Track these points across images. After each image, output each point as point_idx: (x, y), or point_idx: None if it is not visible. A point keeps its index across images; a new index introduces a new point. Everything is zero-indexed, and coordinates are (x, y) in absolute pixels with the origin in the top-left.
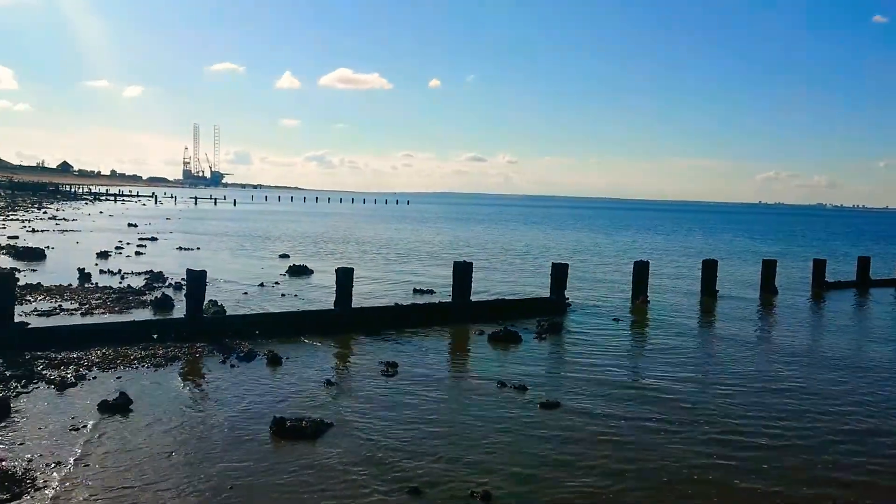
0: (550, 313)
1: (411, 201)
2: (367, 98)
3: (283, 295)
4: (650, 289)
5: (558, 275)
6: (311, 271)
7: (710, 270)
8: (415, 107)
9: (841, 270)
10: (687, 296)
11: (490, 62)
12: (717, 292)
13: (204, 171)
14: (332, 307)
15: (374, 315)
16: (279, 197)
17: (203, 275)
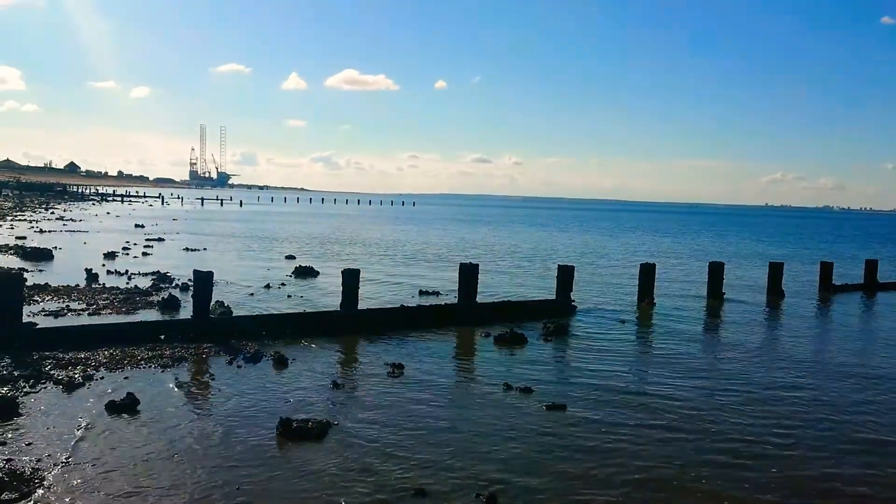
0: (556, 315)
1: (417, 202)
2: (372, 99)
3: (289, 296)
4: (656, 291)
5: (564, 277)
6: (318, 272)
7: (716, 273)
8: (420, 108)
9: (848, 273)
10: (693, 298)
11: (496, 63)
12: (724, 295)
13: (210, 172)
14: (339, 308)
15: (380, 316)
16: (285, 198)
17: (210, 276)
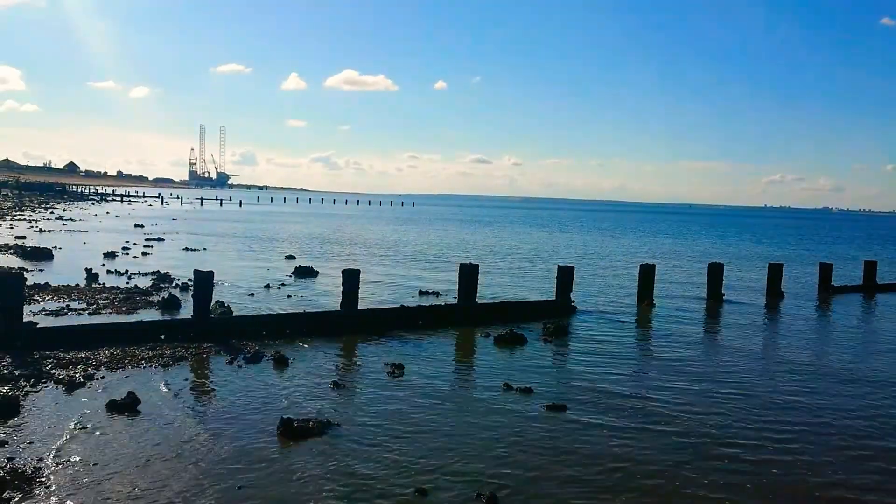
0: (556, 316)
1: (416, 203)
2: (372, 99)
3: (289, 296)
4: (656, 292)
5: (564, 278)
6: (317, 273)
7: (716, 274)
8: (420, 108)
9: (848, 275)
10: (693, 299)
11: (496, 64)
12: (723, 296)
13: (210, 172)
14: (339, 308)
15: (380, 317)
16: (285, 198)
17: (210, 276)
